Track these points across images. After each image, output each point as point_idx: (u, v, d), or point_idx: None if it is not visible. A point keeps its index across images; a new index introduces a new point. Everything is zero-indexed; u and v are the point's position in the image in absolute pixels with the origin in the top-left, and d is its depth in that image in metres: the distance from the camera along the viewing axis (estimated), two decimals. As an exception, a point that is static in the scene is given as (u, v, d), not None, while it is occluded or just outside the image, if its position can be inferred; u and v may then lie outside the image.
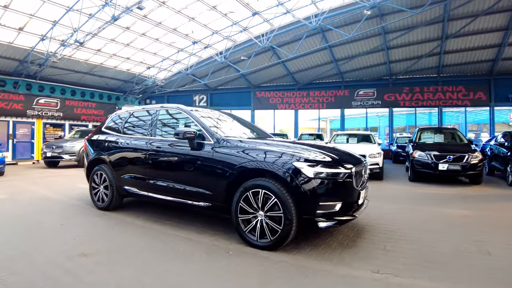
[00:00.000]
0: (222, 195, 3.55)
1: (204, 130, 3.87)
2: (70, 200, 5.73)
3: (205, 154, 3.72)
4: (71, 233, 3.74)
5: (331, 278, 2.69)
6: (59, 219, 4.40)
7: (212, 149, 3.69)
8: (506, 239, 3.78)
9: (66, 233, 3.75)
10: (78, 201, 5.62)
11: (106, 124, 5.31)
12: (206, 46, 17.01)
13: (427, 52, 17.50)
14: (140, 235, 3.75)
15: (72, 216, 4.56)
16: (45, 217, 4.46)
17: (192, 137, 3.75)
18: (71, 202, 5.55)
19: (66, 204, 5.36)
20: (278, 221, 3.15)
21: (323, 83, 22.05)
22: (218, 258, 3.08)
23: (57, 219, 4.38)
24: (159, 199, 4.18)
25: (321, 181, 3.14)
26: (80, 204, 5.34)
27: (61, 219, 4.37)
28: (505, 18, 14.26)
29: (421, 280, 2.68)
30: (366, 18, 13.94)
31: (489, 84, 18.47)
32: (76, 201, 5.59)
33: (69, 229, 3.94)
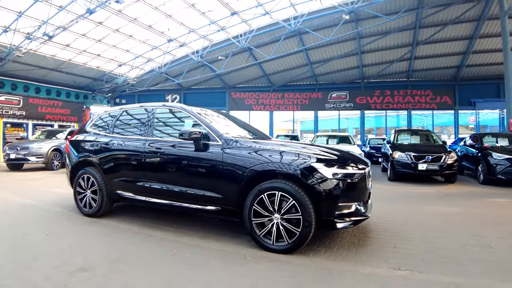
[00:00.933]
0: (233, 198, 3.40)
1: (210, 131, 3.68)
2: (48, 206, 5.22)
3: (214, 155, 3.53)
4: (61, 244, 3.35)
5: (358, 278, 2.68)
6: (43, 228, 3.94)
7: (221, 150, 3.51)
8: (499, 233, 4.00)
9: (56, 245, 3.35)
10: (58, 207, 5.13)
11: (93, 123, 4.89)
12: (181, 44, 16.59)
13: (399, 57, 18.31)
14: (140, 242, 3.46)
15: (57, 225, 4.12)
16: (27, 228, 3.95)
17: (198, 137, 3.55)
18: (49, 208, 5.05)
19: (45, 211, 4.86)
20: (296, 223, 3.07)
21: (297, 85, 22.34)
22: (236, 265, 2.91)
23: (41, 229, 3.91)
24: (159, 204, 3.90)
25: (339, 182, 3.13)
26: (61, 211, 4.87)
27: (45, 229, 3.91)
28: (471, 27, 15.26)
29: (444, 275, 2.73)
30: (343, 22, 14.26)
31: (454, 89, 19.68)
32: (55, 207, 5.10)
33: (58, 239, 3.52)
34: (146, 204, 4.04)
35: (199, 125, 3.83)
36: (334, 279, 2.64)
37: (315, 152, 3.32)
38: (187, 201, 3.67)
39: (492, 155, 8.53)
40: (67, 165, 5.00)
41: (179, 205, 3.73)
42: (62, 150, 11.26)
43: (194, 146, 3.63)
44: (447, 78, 19.81)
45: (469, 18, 14.56)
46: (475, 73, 18.90)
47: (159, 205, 3.92)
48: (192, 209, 3.66)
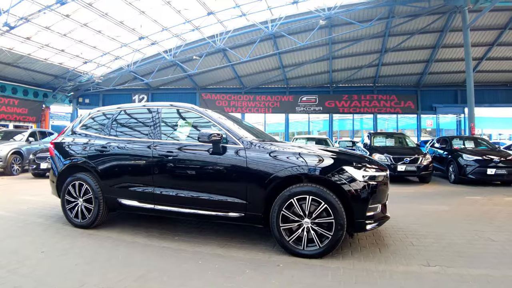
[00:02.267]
0: (259, 204, 3.22)
1: (229, 133, 3.46)
2: (27, 217, 4.58)
3: (238, 159, 3.31)
4: (66, 263, 2.91)
5: (398, 276, 2.71)
6: (33, 244, 3.41)
7: (245, 153, 3.31)
8: (491, 227, 4.29)
9: (60, 264, 2.90)
10: (39, 217, 4.53)
11: (83, 123, 4.39)
12: (153, 42, 15.94)
13: (367, 63, 19.12)
14: (157, 256, 3.11)
15: (48, 239, 3.59)
16: (12, 244, 3.41)
17: (218, 140, 3.32)
18: (30, 219, 4.43)
19: (26, 223, 4.25)
20: (327, 227, 3.03)
21: (269, 88, 22.48)
22: (275, 273, 2.75)
23: (30, 245, 3.39)
24: (170, 212, 3.58)
25: (368, 183, 3.14)
26: (45, 222, 4.29)
27: (35, 244, 3.39)
28: (435, 37, 16.34)
29: (471, 268, 2.88)
30: (318, 27, 14.56)
31: (417, 94, 20.92)
32: (37, 218, 4.49)
33: (58, 257, 3.06)
34: (153, 212, 3.70)
35: (208, 127, 3.63)
36: (378, 280, 2.64)
37: (343, 155, 3.33)
38: (206, 208, 3.40)
39: (462, 157, 9.11)
40: (51, 171, 4.43)
41: (195, 212, 3.45)
42: (23, 153, 10.24)
43: (213, 149, 3.39)
44: (410, 84, 21.04)
45: (434, 29, 15.59)
46: (436, 80, 20.29)
47: (171, 213, 3.60)
48: (212, 216, 3.41)
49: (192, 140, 3.79)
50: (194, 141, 3.67)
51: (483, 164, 8.65)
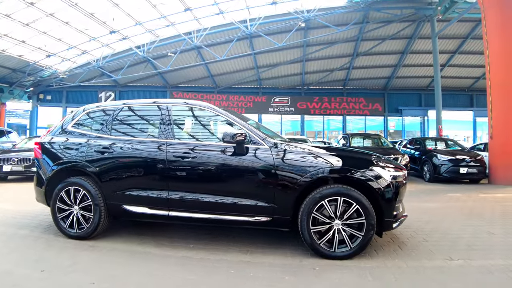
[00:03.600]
0: (288, 207, 3.07)
1: (252, 134, 3.26)
2: (7, 228, 3.95)
3: (264, 161, 3.12)
4: (78, 282, 2.53)
5: (432, 271, 2.78)
6: (27, 262, 2.94)
7: (271, 154, 3.13)
8: (485, 221, 4.57)
9: (71, 284, 2.51)
10: (22, 229, 3.93)
11: (76, 121, 3.90)
12: (124, 37, 15.11)
13: (339, 66, 19.64)
14: (181, 268, 2.82)
15: (42, 254, 3.13)
16: (2, 262, 2.91)
17: (242, 140, 3.12)
18: (11, 231, 3.81)
19: (7, 236, 3.67)
20: (357, 227, 3.02)
21: (242, 88, 22.32)
22: (314, 278, 2.66)
23: (23, 262, 2.92)
24: (189, 219, 3.29)
25: (395, 183, 3.16)
26: (31, 234, 3.74)
27: (30, 262, 2.92)
28: (404, 43, 17.17)
29: (491, 259, 3.03)
30: (296, 29, 14.67)
31: (384, 97, 21.85)
32: (19, 230, 3.88)
33: (65, 276, 2.64)
34: (166, 219, 3.36)
35: (223, 126, 3.46)
36: (416, 276, 2.70)
37: (369, 156, 3.34)
38: (229, 213, 3.18)
39: (437, 157, 9.62)
40: (38, 176, 3.89)
41: (216, 218, 3.20)
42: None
43: (236, 150, 3.17)
44: (378, 88, 21.96)
45: (404, 35, 16.39)
46: (402, 84, 21.36)
47: (188, 219, 3.31)
48: (235, 221, 3.18)
49: (209, 140, 3.53)
50: (212, 141, 3.42)
51: (456, 164, 9.20)
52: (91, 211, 3.49)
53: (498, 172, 8.91)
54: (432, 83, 20.96)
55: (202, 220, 3.28)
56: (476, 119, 21.27)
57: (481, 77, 20.14)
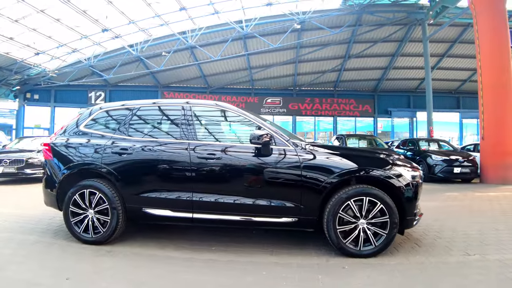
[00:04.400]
0: (315, 207, 3.11)
1: (277, 135, 3.28)
2: (11, 234, 3.79)
3: (291, 162, 3.15)
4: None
5: (454, 266, 2.92)
6: (47, 270, 2.78)
7: (297, 156, 3.16)
8: (487, 219, 4.79)
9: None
10: (30, 234, 3.75)
11: (89, 120, 3.78)
12: (117, 36, 14.85)
13: (331, 68, 19.87)
14: (210, 271, 2.80)
15: (61, 261, 2.99)
16: (23, 272, 2.75)
17: (268, 142, 3.14)
18: (18, 237, 3.65)
19: (17, 243, 3.50)
20: (380, 226, 3.09)
21: (235, 89, 22.28)
22: (346, 276, 2.72)
23: (45, 271, 2.76)
24: (214, 221, 3.27)
25: (414, 182, 3.27)
26: (40, 239, 3.57)
27: (51, 270, 2.77)
28: (395, 46, 17.53)
29: (502, 254, 3.20)
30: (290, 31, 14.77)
31: (374, 99, 22.24)
32: (26, 235, 3.70)
33: (93, 284, 2.54)
34: (189, 222, 3.32)
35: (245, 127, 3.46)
36: (439, 271, 2.81)
37: (390, 157, 3.41)
38: (255, 215, 3.18)
39: (431, 157, 9.87)
40: (48, 178, 3.72)
41: (242, 219, 3.19)
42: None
43: (262, 151, 3.18)
44: (368, 89, 22.35)
45: (395, 38, 16.74)
46: (392, 86, 21.79)
47: (213, 221, 3.28)
48: (262, 223, 3.18)
49: (232, 141, 3.52)
50: (236, 142, 3.41)
51: (450, 164, 9.47)
52: (107, 215, 3.37)
53: (489, 172, 9.22)
54: (420, 85, 21.52)
55: (227, 222, 3.25)
56: (462, 120, 21.91)
57: (467, 80, 20.82)
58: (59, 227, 4.02)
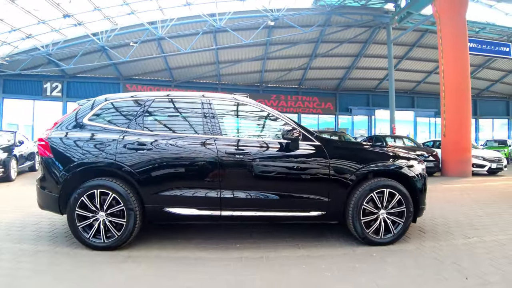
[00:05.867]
0: (341, 200, 3.24)
1: (302, 130, 3.34)
2: (8, 243, 3.31)
3: (319, 157, 3.23)
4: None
5: (460, 248, 3.28)
6: (69, 282, 2.49)
7: (324, 150, 3.25)
8: (468, 207, 5.27)
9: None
10: (22, 242, 3.30)
11: (95, 113, 3.42)
12: (79, 22, 13.81)
13: (297, 66, 20.34)
14: (246, 269, 2.76)
15: (78, 272, 2.66)
16: (39, 286, 2.44)
17: (297, 137, 3.19)
18: (10, 247, 3.18)
19: (16, 254, 3.03)
20: (397, 215, 3.31)
21: (201, 83, 21.88)
22: (380, 262, 2.90)
23: (67, 284, 2.48)
24: (243, 217, 3.23)
25: (424, 174, 3.58)
26: (37, 249, 3.12)
27: (74, 283, 2.49)
28: (359, 47, 18.39)
29: (496, 235, 3.64)
30: (263, 27, 14.85)
31: (335, 97, 23.21)
32: (16, 244, 3.25)
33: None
34: (218, 220, 3.24)
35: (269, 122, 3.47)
36: (453, 252, 3.12)
37: (403, 151, 3.68)
38: (285, 210, 3.22)
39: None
40: (45, 178, 3.31)
41: (272, 215, 3.22)
42: None
43: (291, 147, 3.22)
44: (331, 88, 23.27)
45: (360, 40, 17.60)
46: (352, 85, 22.91)
47: (241, 218, 3.23)
48: (290, 217, 3.24)
49: (257, 136, 3.50)
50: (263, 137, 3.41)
51: (416, 159, 10.26)
52: (121, 217, 3.11)
53: (450, 166, 10.14)
54: (379, 85, 22.89)
55: (257, 218, 3.25)
56: (416, 119, 23.72)
57: (422, 81, 22.58)
58: (52, 232, 3.66)
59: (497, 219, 4.46)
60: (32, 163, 10.33)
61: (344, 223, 3.36)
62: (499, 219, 4.43)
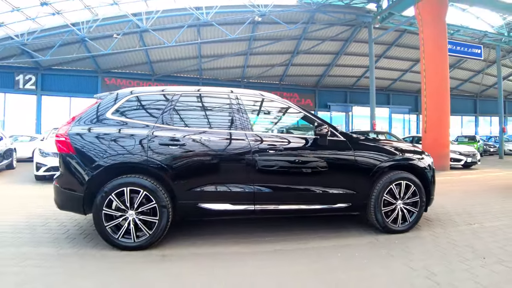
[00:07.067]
0: (365, 192, 3.47)
1: (330, 127, 3.50)
2: (15, 249, 3.09)
3: (345, 152, 3.44)
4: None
5: (466, 232, 3.64)
6: (113, 285, 2.43)
7: (351, 146, 3.46)
8: (459, 198, 5.71)
9: None
10: (41, 246, 3.16)
11: (119, 107, 3.31)
12: (58, 11, 13.16)
13: (279, 62, 20.56)
14: (288, 261, 2.87)
15: (123, 273, 2.62)
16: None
17: (326, 133, 3.35)
18: (32, 251, 3.01)
19: (40, 258, 2.91)
20: (412, 205, 3.61)
21: (182, 77, 21.54)
22: (404, 249, 3.13)
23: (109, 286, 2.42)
24: (276, 211, 3.33)
25: (433, 167, 3.90)
26: (62, 252, 3.01)
27: (118, 285, 2.44)
28: (340, 45, 18.88)
29: (494, 222, 4.05)
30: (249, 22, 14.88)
31: (315, 94, 23.72)
32: (38, 248, 3.10)
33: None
34: (251, 214, 3.29)
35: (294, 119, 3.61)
36: (462, 236, 3.49)
37: (415, 146, 4.00)
38: (315, 203, 3.38)
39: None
40: (67, 177, 3.18)
41: (302, 208, 3.36)
42: None
43: (319, 142, 3.38)
44: (310, 84, 23.76)
45: (341, 38, 18.07)
46: (331, 82, 23.53)
47: (273, 212, 3.34)
48: (319, 210, 3.39)
49: (285, 131, 3.61)
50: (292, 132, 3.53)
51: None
52: (151, 215, 3.08)
53: (430, 161, 10.74)
54: (357, 82, 23.65)
55: (289, 211, 3.37)
56: (392, 115, 24.76)
57: (397, 79, 23.56)
58: (67, 234, 3.52)
59: (488, 207, 4.91)
60: (10, 160, 9.80)
61: (365, 214, 3.58)
62: (491, 208, 4.88)
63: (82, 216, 4.02)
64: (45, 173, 7.29)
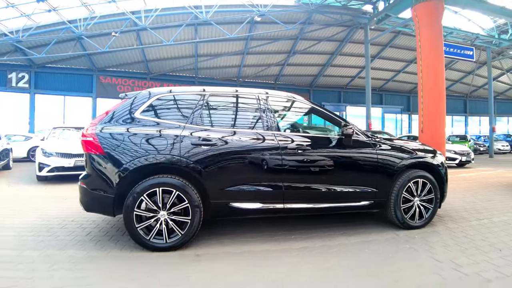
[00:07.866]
0: (386, 190, 3.62)
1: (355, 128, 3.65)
2: (41, 252, 3.05)
3: (369, 151, 3.60)
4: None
5: (477, 227, 3.85)
6: (155, 286, 2.43)
7: (371, 146, 3.63)
8: (461, 195, 5.97)
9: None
10: (65, 248, 3.13)
11: (146, 107, 3.32)
12: (54, 8, 12.98)
13: (275, 62, 20.68)
14: (320, 257, 3.00)
15: (160, 276, 2.58)
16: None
17: (352, 133, 3.50)
18: (54, 254, 2.97)
19: (69, 261, 2.88)
20: (427, 202, 3.80)
21: (177, 76, 21.46)
22: (425, 243, 3.30)
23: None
24: (303, 209, 3.44)
25: (446, 165, 4.10)
26: (88, 254, 2.99)
27: (158, 286, 2.43)
28: (335, 45, 19.11)
29: (501, 217, 4.28)
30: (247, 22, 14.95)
31: (309, 94, 23.94)
32: (64, 250, 3.07)
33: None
34: (280, 212, 3.38)
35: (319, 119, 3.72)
36: (474, 230, 3.70)
37: (427, 146, 4.15)
38: (340, 201, 3.51)
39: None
40: (96, 178, 3.15)
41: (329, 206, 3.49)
42: None
43: (345, 142, 3.52)
44: (305, 84, 23.98)
45: (337, 38, 18.29)
46: (325, 82, 23.80)
47: (301, 210, 3.44)
48: (344, 207, 3.54)
49: (312, 131, 3.73)
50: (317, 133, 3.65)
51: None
52: (182, 215, 3.10)
53: (426, 159, 11.02)
54: (351, 82, 23.97)
55: (316, 209, 3.48)
56: (384, 115, 25.19)
57: (390, 80, 23.98)
58: (89, 235, 3.51)
59: (493, 204, 5.14)
60: (7, 161, 9.65)
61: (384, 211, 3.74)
62: (495, 204, 5.12)
63: (100, 217, 4.12)
64: (48, 173, 7.23)
